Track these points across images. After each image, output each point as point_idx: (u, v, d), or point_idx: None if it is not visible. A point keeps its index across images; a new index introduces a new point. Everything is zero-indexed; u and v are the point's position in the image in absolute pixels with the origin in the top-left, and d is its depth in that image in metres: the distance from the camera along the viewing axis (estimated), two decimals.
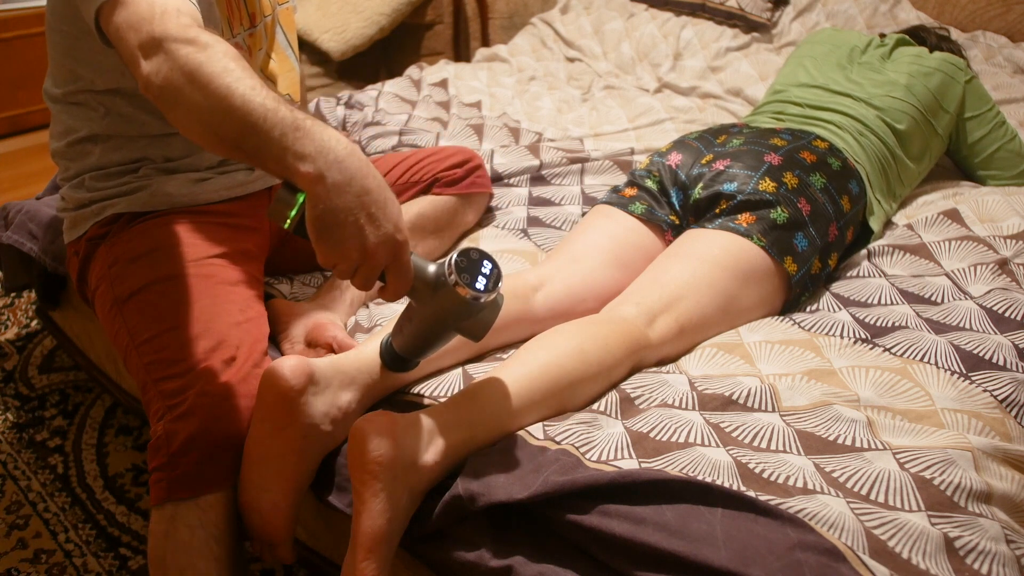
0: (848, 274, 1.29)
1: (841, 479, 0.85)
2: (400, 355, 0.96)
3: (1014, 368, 1.03)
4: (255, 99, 0.81)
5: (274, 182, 1.27)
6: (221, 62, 0.82)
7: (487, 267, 0.87)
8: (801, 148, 1.28)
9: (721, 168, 1.25)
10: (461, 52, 2.97)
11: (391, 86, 2.19)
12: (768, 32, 2.40)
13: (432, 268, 0.87)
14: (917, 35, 1.70)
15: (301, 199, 0.83)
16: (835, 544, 0.75)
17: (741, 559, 0.74)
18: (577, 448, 0.89)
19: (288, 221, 0.83)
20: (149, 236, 1.10)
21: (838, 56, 1.59)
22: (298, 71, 1.34)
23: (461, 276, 0.85)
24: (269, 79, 1.27)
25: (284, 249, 1.31)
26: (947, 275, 1.25)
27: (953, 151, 1.58)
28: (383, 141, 1.78)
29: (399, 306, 1.22)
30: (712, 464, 0.86)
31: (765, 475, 0.85)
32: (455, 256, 0.86)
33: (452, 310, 0.87)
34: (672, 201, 1.30)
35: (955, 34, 2.20)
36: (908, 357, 1.05)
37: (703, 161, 1.29)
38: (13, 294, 2.00)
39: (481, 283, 0.86)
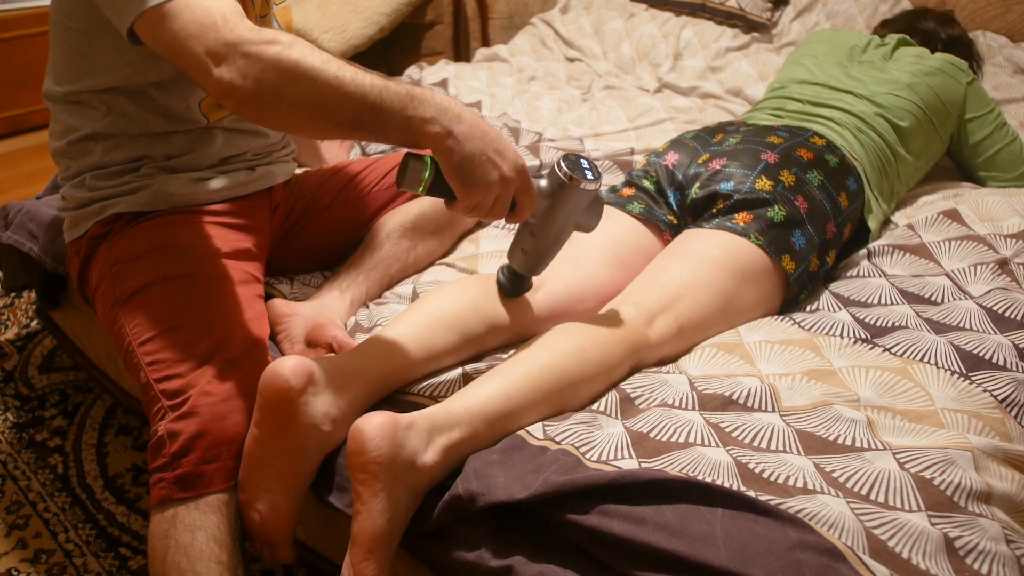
0: (848, 274, 1.29)
1: (841, 479, 0.85)
2: (521, 275, 1.07)
3: (1014, 368, 1.03)
4: (365, 82, 0.86)
5: (274, 182, 1.27)
6: (315, 55, 0.85)
7: (586, 163, 1.01)
8: (798, 145, 1.28)
9: (717, 167, 1.25)
10: (461, 52, 2.97)
11: None
12: (768, 32, 2.40)
13: (542, 182, 1.00)
14: (919, 29, 1.68)
15: (430, 161, 0.92)
16: (835, 544, 0.75)
17: (741, 559, 0.74)
18: (577, 448, 0.89)
19: (423, 185, 0.92)
20: (150, 236, 1.10)
21: (838, 55, 1.59)
22: None
23: (575, 173, 0.99)
24: None
25: (284, 249, 1.31)
26: (947, 275, 1.25)
27: (954, 152, 1.58)
28: None
29: (399, 306, 1.22)
30: (712, 464, 0.86)
31: (765, 475, 0.85)
32: (561, 162, 0.99)
33: (571, 207, 1.01)
34: (670, 201, 1.30)
35: None
36: (908, 357, 1.05)
37: (699, 160, 1.29)
38: (13, 294, 2.00)
39: (590, 175, 1.00)
